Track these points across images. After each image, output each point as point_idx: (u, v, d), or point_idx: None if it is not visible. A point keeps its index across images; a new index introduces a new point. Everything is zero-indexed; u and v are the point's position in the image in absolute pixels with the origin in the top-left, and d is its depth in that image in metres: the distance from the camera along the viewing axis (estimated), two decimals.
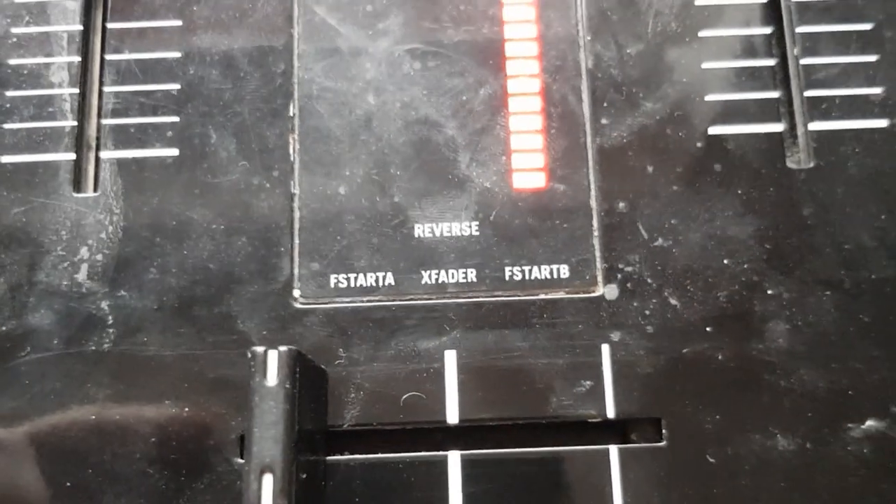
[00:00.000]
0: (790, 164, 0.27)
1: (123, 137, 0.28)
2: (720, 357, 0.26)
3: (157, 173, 0.28)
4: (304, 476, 0.24)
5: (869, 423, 0.25)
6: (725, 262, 0.27)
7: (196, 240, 0.27)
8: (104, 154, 0.28)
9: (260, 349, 0.23)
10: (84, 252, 0.27)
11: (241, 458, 0.25)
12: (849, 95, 0.28)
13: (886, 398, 0.26)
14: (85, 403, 0.26)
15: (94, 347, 0.26)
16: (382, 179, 0.28)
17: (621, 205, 0.27)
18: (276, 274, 0.27)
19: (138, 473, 0.25)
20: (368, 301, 0.27)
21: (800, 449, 0.25)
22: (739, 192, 0.27)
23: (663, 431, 0.26)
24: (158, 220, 0.27)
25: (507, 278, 0.27)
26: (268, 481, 0.23)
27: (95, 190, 0.28)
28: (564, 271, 0.27)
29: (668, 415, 0.26)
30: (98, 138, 0.28)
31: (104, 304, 0.27)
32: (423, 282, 0.27)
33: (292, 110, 0.28)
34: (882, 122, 0.27)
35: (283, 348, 0.23)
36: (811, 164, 0.27)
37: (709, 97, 0.28)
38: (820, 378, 0.26)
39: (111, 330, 0.26)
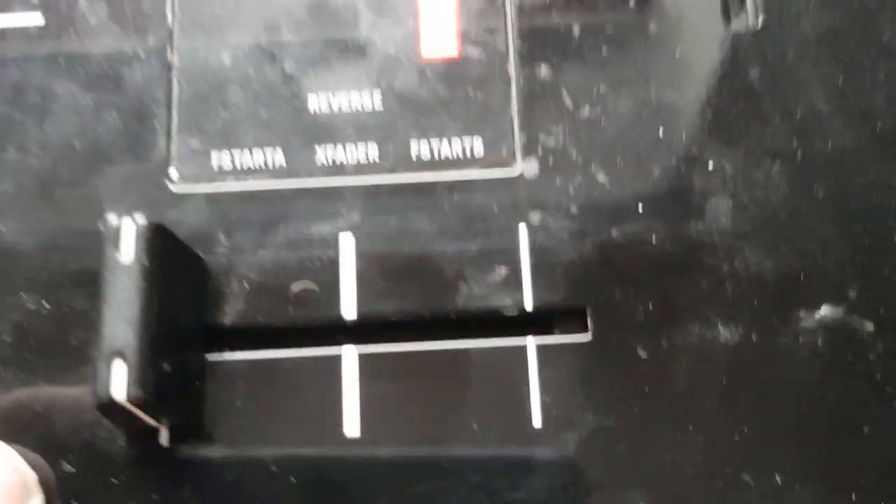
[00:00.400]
0: (735, 23, 0.24)
1: None
2: (654, 239, 0.23)
3: (18, 43, 0.24)
4: (168, 368, 0.20)
5: (823, 310, 0.22)
6: (661, 133, 0.23)
7: (60, 115, 0.24)
8: None
9: (114, 218, 0.20)
10: None
11: None
12: None
13: (843, 282, 0.22)
14: None
15: None
16: (272, 46, 0.24)
17: (543, 70, 0.24)
18: (149, 152, 0.24)
19: None
20: (255, 182, 0.24)
21: (744, 340, 0.22)
22: (677, 53, 0.24)
23: (588, 323, 0.22)
24: (18, 95, 0.24)
25: (412, 155, 0.24)
26: (119, 369, 0.20)
27: None
28: (478, 146, 0.24)
29: (594, 305, 0.23)
30: None
31: None
32: (317, 160, 0.24)
33: None
34: None
35: (141, 219, 0.20)
36: (758, 23, 0.24)
37: None
38: (767, 260, 0.23)
39: None
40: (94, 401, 0.20)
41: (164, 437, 0.22)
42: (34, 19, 0.25)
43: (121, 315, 0.20)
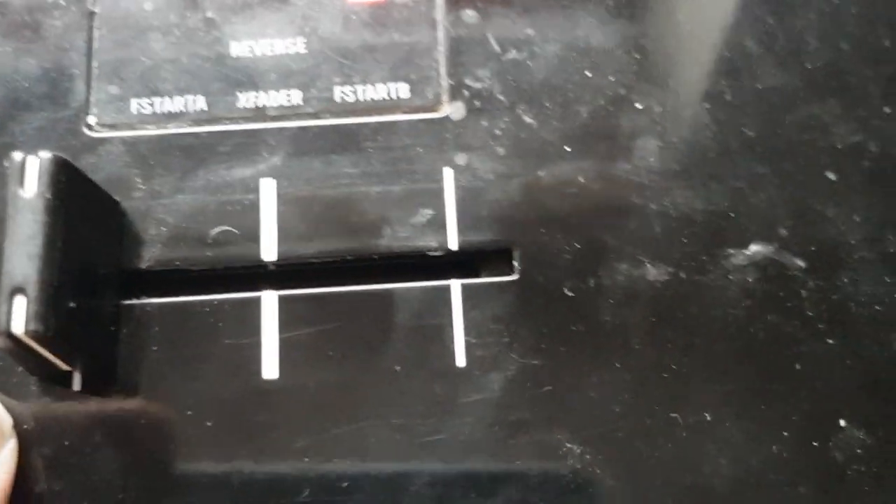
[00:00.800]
0: None
1: None
2: (581, 179, 0.22)
3: None
4: (74, 306, 0.20)
5: (753, 247, 0.22)
6: (588, 74, 0.23)
7: None
8: None
9: (19, 154, 0.20)
10: None
11: None
12: None
13: (773, 219, 0.22)
14: None
15: None
16: None
17: (469, 14, 0.24)
18: (67, 99, 0.23)
19: None
20: (175, 127, 0.23)
21: (673, 278, 0.22)
22: None
23: (514, 263, 0.22)
24: None
25: (337, 99, 0.23)
26: (20, 304, 0.19)
27: None
28: (404, 90, 0.23)
29: (520, 245, 0.22)
30: None
31: None
32: (239, 105, 0.23)
33: None
34: None
35: (45, 154, 0.20)
36: None
37: None
38: (696, 199, 0.22)
39: None
40: None
41: (76, 382, 0.21)
42: None
43: (23, 250, 0.19)
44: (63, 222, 0.20)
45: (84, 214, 0.21)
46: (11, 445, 0.20)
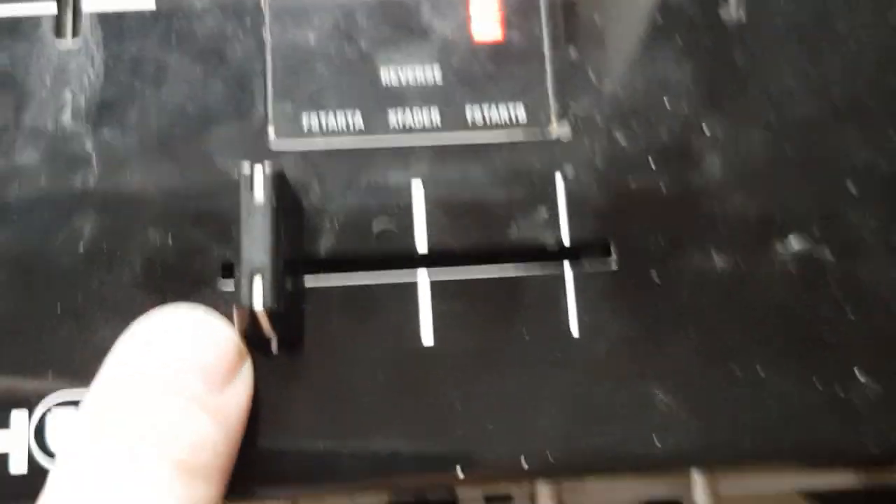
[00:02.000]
0: (723, 16, 0.30)
1: None
2: (663, 188, 0.29)
3: (135, 23, 0.29)
4: (290, 287, 0.26)
5: (794, 243, 0.28)
6: (666, 103, 0.29)
7: (174, 84, 0.29)
8: (86, 6, 0.29)
9: (247, 167, 0.25)
10: (67, 96, 0.28)
11: (224, 282, 0.27)
12: None
13: (809, 221, 0.29)
14: (72, 236, 0.27)
15: (79, 184, 0.28)
16: (349, 29, 0.29)
17: (572, 53, 0.30)
18: (251, 115, 0.29)
19: (127, 297, 0.27)
20: (339, 139, 0.29)
21: (733, 267, 0.28)
22: (679, 40, 0.30)
23: (613, 254, 0.28)
24: (138, 67, 0.29)
25: (468, 119, 0.29)
26: (258, 282, 0.25)
27: (73, 39, 0.29)
28: (521, 113, 0.29)
29: (617, 239, 0.28)
30: None
31: (88, 143, 0.28)
32: (390, 122, 0.29)
33: None
34: None
35: (268, 167, 0.25)
36: (742, 17, 0.30)
37: None
38: (751, 204, 0.29)
39: (95, 167, 0.28)
40: (239, 311, 0.25)
41: (274, 346, 0.27)
42: (146, 4, 0.29)
43: (256, 244, 0.25)
44: (281, 219, 0.25)
45: (287, 210, 0.26)
46: (248, 363, 0.26)
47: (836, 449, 0.28)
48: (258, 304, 0.25)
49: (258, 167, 0.25)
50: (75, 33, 0.29)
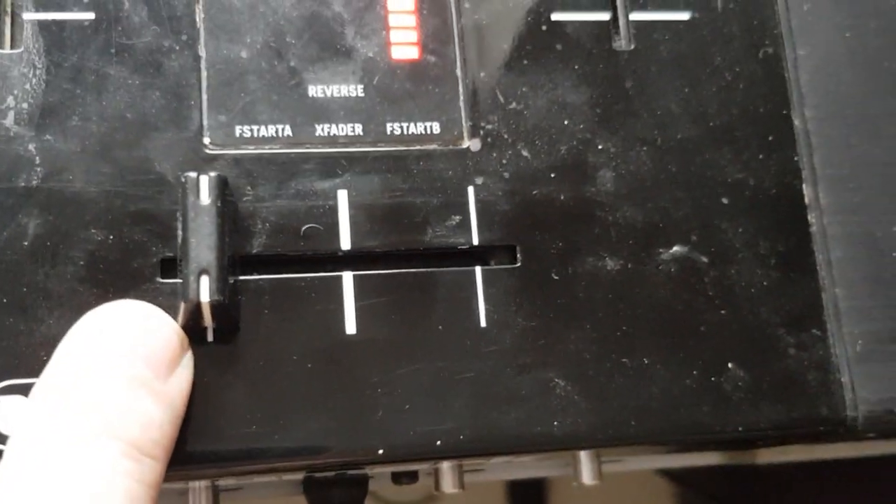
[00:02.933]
0: (615, 46, 0.34)
1: (43, 1, 0.31)
2: (562, 197, 0.32)
3: (75, 34, 0.31)
4: (231, 282, 0.28)
5: (675, 248, 0.32)
6: (565, 122, 0.33)
7: (114, 93, 0.31)
8: (26, 16, 0.31)
9: (193, 173, 0.28)
10: (10, 101, 0.30)
11: (163, 278, 0.29)
12: None
13: (688, 229, 0.33)
14: (17, 232, 0.29)
15: (23, 184, 0.29)
16: (279, 46, 0.32)
17: (482, 75, 0.33)
18: (187, 124, 0.31)
19: (69, 291, 0.29)
20: (270, 149, 0.31)
21: (623, 268, 0.32)
22: (576, 66, 0.33)
23: (518, 255, 0.31)
24: (78, 75, 0.31)
25: (388, 132, 0.32)
26: (205, 281, 0.27)
27: (14, 47, 0.30)
28: (436, 128, 0.32)
29: (522, 242, 0.32)
30: (13, 4, 0.31)
31: (31, 146, 0.30)
32: (316, 133, 0.32)
33: None
34: (685, 15, 0.34)
35: (212, 173, 0.28)
36: (631, 47, 0.34)
37: None
38: (638, 214, 0.32)
39: (38, 169, 0.30)
40: (186, 305, 0.27)
41: (210, 335, 0.29)
42: (86, 16, 0.31)
43: (202, 243, 0.27)
44: (223, 221, 0.28)
45: (228, 213, 0.29)
46: (189, 353, 0.28)
47: (709, 429, 0.31)
48: (205, 297, 0.27)
49: (204, 177, 0.28)
50: (15, 43, 0.31)
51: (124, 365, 0.26)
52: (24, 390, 0.28)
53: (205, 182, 0.28)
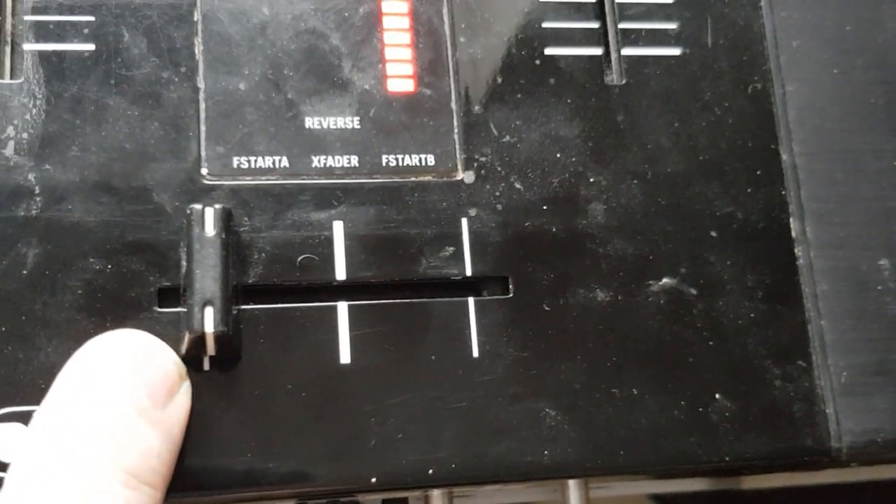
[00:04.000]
0: (607, 80, 0.34)
1: (44, 33, 0.31)
2: (554, 229, 0.33)
3: (75, 65, 0.31)
4: (235, 312, 0.28)
5: (664, 280, 0.33)
6: (558, 155, 0.33)
7: (113, 123, 0.31)
8: (27, 46, 0.31)
9: (198, 206, 0.28)
10: (10, 131, 0.30)
11: (160, 307, 0.30)
12: (652, 28, 0.35)
13: (677, 262, 0.33)
14: (16, 261, 0.29)
15: (22, 213, 0.30)
16: (277, 79, 0.32)
17: (476, 108, 0.33)
18: (185, 155, 0.31)
19: (68, 320, 0.29)
20: (266, 179, 0.32)
21: (613, 300, 0.32)
22: (568, 100, 0.34)
23: (510, 286, 0.32)
24: (78, 106, 0.31)
25: (384, 164, 0.32)
26: (209, 312, 0.27)
27: (15, 77, 0.31)
28: (431, 160, 0.33)
29: (514, 274, 0.32)
30: (13, 34, 0.31)
31: (31, 176, 0.30)
32: (313, 165, 0.32)
33: (196, 16, 0.32)
34: (676, 51, 0.35)
35: (217, 205, 0.28)
36: (623, 82, 0.34)
37: (545, 24, 0.34)
38: (628, 246, 0.33)
39: (38, 198, 0.30)
40: (191, 335, 0.27)
41: (206, 364, 0.30)
42: (86, 47, 0.32)
43: (207, 274, 0.28)
44: (228, 251, 0.28)
45: (233, 245, 0.29)
46: (188, 382, 0.28)
47: (696, 459, 0.32)
48: (209, 328, 0.27)
49: (208, 207, 0.28)
50: (15, 73, 0.31)
51: (123, 393, 0.26)
52: (23, 418, 0.28)
53: (210, 214, 0.28)
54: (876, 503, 0.50)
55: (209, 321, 0.27)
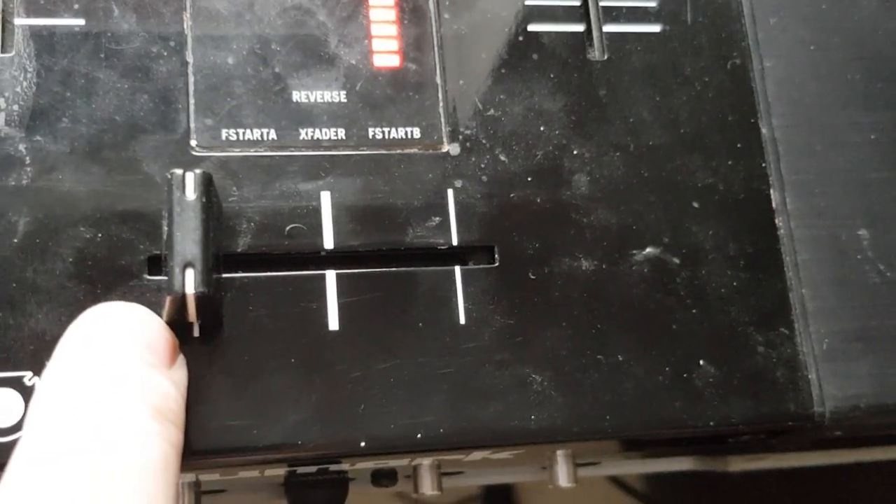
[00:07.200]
0: (589, 56, 0.35)
1: (34, 8, 0.32)
2: (538, 200, 0.33)
3: (66, 39, 0.32)
4: (216, 277, 0.29)
5: (648, 249, 0.33)
6: (542, 128, 0.34)
7: (103, 96, 0.31)
8: (18, 21, 0.32)
9: (179, 170, 0.29)
10: (1, 103, 0.31)
11: (150, 275, 0.30)
12: (633, 6, 0.36)
13: (660, 232, 0.34)
14: (7, 230, 0.30)
15: (14, 183, 0.30)
16: (264, 53, 0.33)
17: (461, 82, 0.34)
18: (175, 127, 0.32)
19: (58, 287, 0.29)
20: (255, 151, 0.32)
21: (597, 269, 0.33)
22: (552, 75, 0.35)
23: (496, 256, 0.32)
24: (68, 79, 0.31)
25: (370, 137, 0.33)
26: (190, 274, 0.28)
27: (6, 51, 0.31)
28: (417, 133, 0.33)
29: (500, 243, 0.33)
30: (4, 9, 0.32)
31: (21, 147, 0.30)
32: (300, 137, 0.32)
33: None
34: (656, 28, 0.36)
35: (197, 170, 0.29)
36: (605, 57, 0.35)
37: (528, 1, 0.35)
38: (612, 216, 0.33)
39: (29, 168, 0.30)
40: (171, 296, 0.28)
41: (196, 331, 0.30)
42: (76, 22, 0.32)
43: (188, 237, 0.28)
44: (209, 216, 0.29)
45: (213, 212, 0.30)
46: (182, 358, 0.29)
47: (681, 424, 0.32)
48: (189, 289, 0.28)
49: (188, 172, 0.29)
50: (6, 47, 0.31)
51: (135, 348, 0.27)
52: (14, 383, 0.28)
53: (190, 178, 0.28)
54: (860, 485, 0.51)
55: (189, 282, 0.28)
